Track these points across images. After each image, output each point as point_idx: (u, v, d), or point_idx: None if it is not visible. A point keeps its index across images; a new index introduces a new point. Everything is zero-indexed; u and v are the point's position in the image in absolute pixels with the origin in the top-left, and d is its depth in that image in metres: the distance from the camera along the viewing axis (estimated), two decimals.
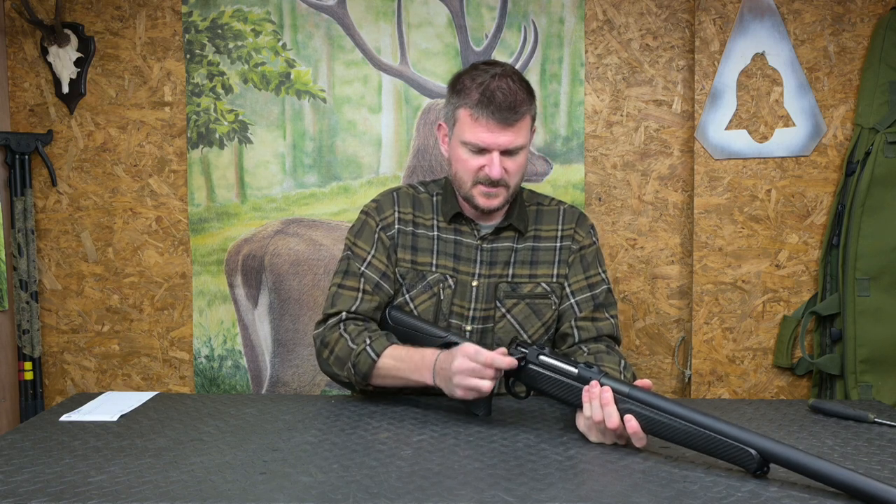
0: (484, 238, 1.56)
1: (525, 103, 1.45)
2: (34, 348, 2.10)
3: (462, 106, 1.46)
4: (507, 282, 1.56)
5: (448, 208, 1.58)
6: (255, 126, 2.10)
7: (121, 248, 2.14)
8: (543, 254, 1.58)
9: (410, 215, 1.59)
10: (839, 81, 1.95)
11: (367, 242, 1.57)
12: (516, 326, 1.55)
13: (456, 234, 1.58)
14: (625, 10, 2.03)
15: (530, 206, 1.62)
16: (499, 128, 1.43)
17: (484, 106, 1.42)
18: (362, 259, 1.56)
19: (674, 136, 2.05)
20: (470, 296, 1.55)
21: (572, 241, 1.59)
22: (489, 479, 1.04)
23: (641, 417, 1.14)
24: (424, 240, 1.58)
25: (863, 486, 0.94)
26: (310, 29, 2.07)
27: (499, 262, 1.56)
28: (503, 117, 1.42)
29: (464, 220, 1.57)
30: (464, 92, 1.46)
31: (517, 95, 1.43)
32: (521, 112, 1.44)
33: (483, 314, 1.55)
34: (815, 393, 1.99)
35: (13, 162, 2.07)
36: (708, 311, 2.01)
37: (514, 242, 1.57)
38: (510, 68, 1.49)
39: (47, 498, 0.97)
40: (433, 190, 1.63)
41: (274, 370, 2.14)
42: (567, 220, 1.61)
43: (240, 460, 1.12)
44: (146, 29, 2.09)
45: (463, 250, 1.56)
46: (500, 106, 1.42)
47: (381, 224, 1.58)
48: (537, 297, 1.56)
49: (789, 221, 1.98)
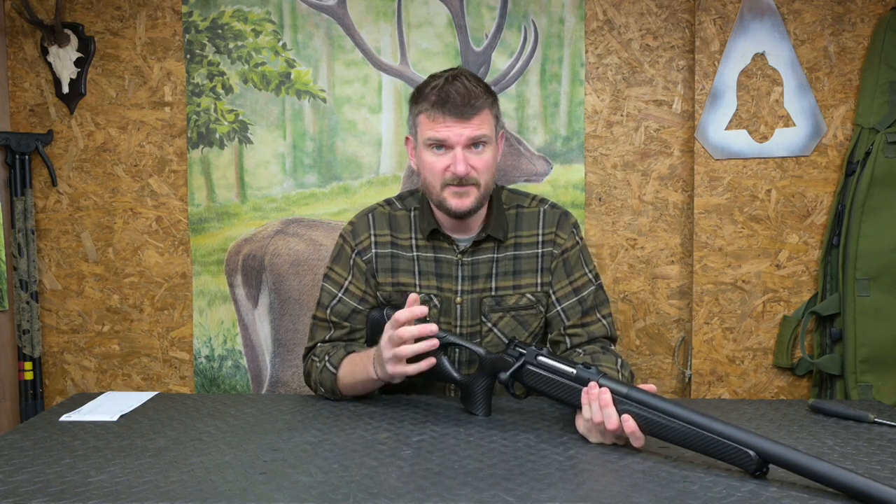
0: (464, 252, 1.55)
1: (481, 97, 1.45)
2: (34, 348, 2.10)
3: (421, 112, 1.48)
4: (491, 296, 1.55)
5: (425, 225, 1.56)
6: (256, 126, 2.10)
7: (121, 248, 2.14)
8: (525, 262, 1.56)
9: (388, 236, 1.58)
10: (839, 81, 1.95)
11: (344, 269, 1.58)
12: (503, 339, 1.55)
13: (435, 252, 1.56)
14: (625, 10, 2.04)
15: (510, 210, 1.59)
16: (457, 123, 1.44)
17: (440, 105, 1.44)
18: (339, 285, 1.57)
19: (674, 136, 2.05)
20: (455, 313, 1.55)
21: (553, 246, 1.56)
22: (489, 479, 1.04)
23: (640, 418, 1.14)
24: (404, 261, 1.57)
25: (861, 486, 0.94)
26: (310, 29, 2.07)
27: (480, 276, 1.55)
28: (459, 112, 1.43)
29: (441, 236, 1.56)
30: (421, 98, 1.48)
31: (472, 91, 1.44)
32: (478, 106, 1.44)
33: (469, 330, 1.55)
34: (815, 393, 1.99)
35: (13, 162, 2.07)
36: (708, 311, 2.01)
37: (494, 253, 1.56)
38: (465, 71, 1.50)
39: (47, 498, 0.98)
40: (410, 204, 1.61)
41: (274, 370, 2.14)
42: (547, 224, 1.58)
43: (240, 460, 1.12)
44: (146, 29, 2.10)
45: (444, 267, 1.55)
46: (455, 102, 1.43)
47: (356, 249, 1.58)
48: (522, 308, 1.56)
49: (789, 221, 1.98)
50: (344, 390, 1.48)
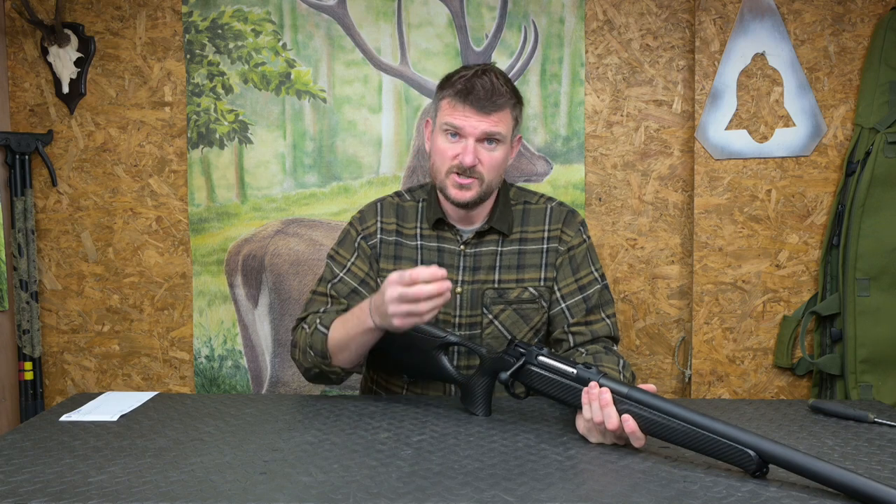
0: (467, 243, 1.55)
1: (505, 96, 1.47)
2: (34, 348, 2.10)
3: (445, 97, 1.50)
4: (493, 287, 1.55)
5: (431, 213, 1.57)
6: (256, 126, 2.10)
7: (121, 248, 2.14)
8: (530, 257, 1.57)
9: (394, 225, 1.59)
10: (839, 81, 1.95)
11: (348, 251, 1.58)
12: (504, 332, 1.55)
13: (439, 241, 1.57)
14: (625, 10, 2.03)
15: (517, 206, 1.60)
16: (476, 115, 1.46)
17: (464, 95, 1.46)
18: (342, 266, 1.56)
19: (674, 136, 2.05)
20: (454, 303, 1.55)
21: (559, 243, 1.57)
22: (489, 479, 1.04)
23: (640, 418, 1.13)
24: (407, 249, 1.57)
25: (861, 486, 0.94)
26: (310, 29, 2.07)
27: (483, 267, 1.55)
28: (481, 105, 1.45)
29: (446, 225, 1.57)
30: (448, 85, 1.50)
31: (497, 88, 1.46)
32: (500, 104, 1.46)
33: (469, 321, 1.55)
34: (815, 393, 1.99)
35: (13, 162, 2.07)
36: (708, 311, 2.01)
37: (497, 245, 1.56)
38: (497, 69, 1.52)
39: (47, 498, 0.97)
40: (419, 196, 1.62)
41: (274, 370, 2.14)
42: (554, 221, 1.59)
43: (240, 460, 1.12)
44: (146, 29, 2.10)
45: (446, 257, 1.56)
46: (479, 95, 1.45)
47: (362, 233, 1.58)
48: (525, 302, 1.56)
49: (789, 221, 1.98)
50: (335, 352, 1.42)
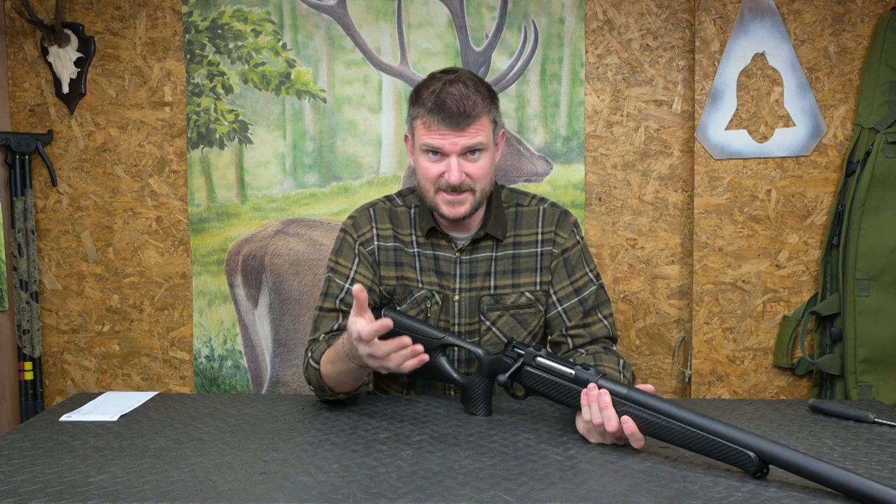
0: (462, 251, 1.54)
1: (478, 106, 1.43)
2: (34, 348, 2.10)
3: (417, 116, 1.46)
4: (489, 294, 1.54)
5: (424, 223, 1.55)
6: (256, 126, 2.10)
7: (121, 248, 2.14)
8: (525, 261, 1.56)
9: (390, 231, 1.57)
10: (839, 81, 1.95)
11: (349, 259, 1.56)
12: (502, 338, 1.55)
13: (434, 249, 1.56)
14: (625, 10, 2.03)
15: (509, 208, 1.59)
16: (452, 132, 1.42)
17: (435, 113, 1.42)
18: (345, 276, 1.54)
19: (674, 136, 2.05)
20: (453, 311, 1.54)
21: (553, 245, 1.56)
22: (489, 479, 1.04)
23: (639, 420, 1.13)
24: (407, 256, 1.56)
25: (861, 486, 0.94)
26: (310, 29, 2.07)
27: (479, 274, 1.54)
28: (454, 122, 1.41)
29: (440, 234, 1.55)
30: (419, 101, 1.46)
31: (468, 99, 1.42)
32: (475, 114, 1.42)
33: (468, 328, 1.55)
34: (815, 393, 1.99)
35: (13, 162, 2.07)
36: (708, 311, 2.01)
37: (492, 251, 1.55)
38: (465, 73, 1.47)
39: (47, 498, 0.98)
40: (411, 202, 1.60)
41: (274, 370, 2.14)
42: (547, 223, 1.57)
43: (240, 460, 1.12)
44: (146, 29, 2.10)
45: (443, 265, 1.55)
46: (451, 112, 1.41)
47: (359, 240, 1.56)
48: (522, 307, 1.55)
49: (789, 221, 1.98)
50: (333, 385, 1.40)
